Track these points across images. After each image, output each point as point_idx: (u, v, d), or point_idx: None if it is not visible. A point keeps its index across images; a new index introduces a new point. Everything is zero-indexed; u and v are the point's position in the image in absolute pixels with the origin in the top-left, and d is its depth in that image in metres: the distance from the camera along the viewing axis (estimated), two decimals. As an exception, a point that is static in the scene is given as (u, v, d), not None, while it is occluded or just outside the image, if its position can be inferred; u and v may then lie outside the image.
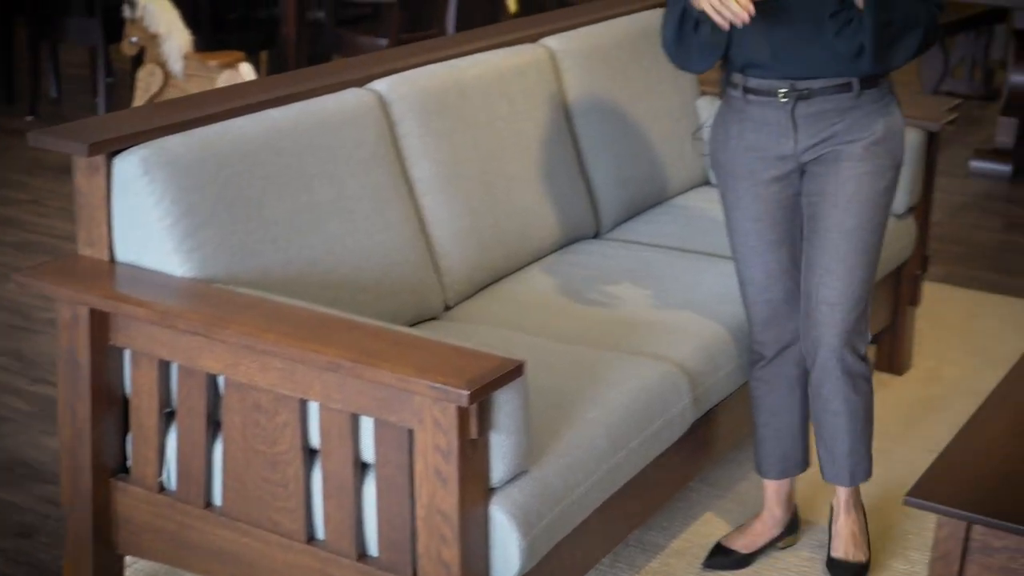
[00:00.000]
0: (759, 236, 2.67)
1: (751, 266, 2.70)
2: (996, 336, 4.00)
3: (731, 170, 2.66)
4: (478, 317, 2.85)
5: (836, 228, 2.60)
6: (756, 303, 2.73)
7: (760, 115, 2.60)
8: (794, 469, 2.86)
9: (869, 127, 2.59)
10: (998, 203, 5.35)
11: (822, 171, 2.61)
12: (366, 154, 2.72)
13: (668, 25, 2.56)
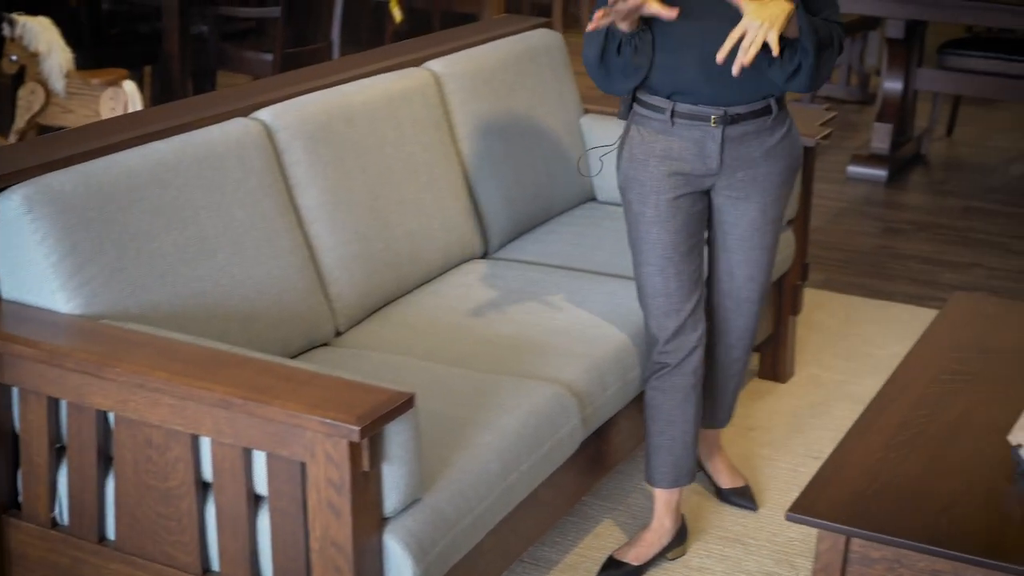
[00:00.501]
0: (675, 248, 2.78)
1: (666, 277, 2.79)
2: (874, 341, 4.12)
3: (650, 185, 2.75)
4: (369, 342, 2.88)
5: (759, 245, 2.88)
6: (668, 313, 2.81)
7: (688, 136, 2.72)
8: (685, 478, 2.94)
9: (780, 146, 2.80)
10: (875, 208, 5.50)
11: (740, 193, 2.80)
12: (253, 184, 2.73)
13: (591, 45, 2.63)
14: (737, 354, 3.07)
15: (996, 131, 6.62)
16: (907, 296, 4.52)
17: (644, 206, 2.76)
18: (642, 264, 2.81)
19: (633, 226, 2.80)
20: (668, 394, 2.86)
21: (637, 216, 2.78)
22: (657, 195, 2.75)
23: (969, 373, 2.60)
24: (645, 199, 2.75)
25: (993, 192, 5.71)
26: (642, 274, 2.81)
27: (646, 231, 2.77)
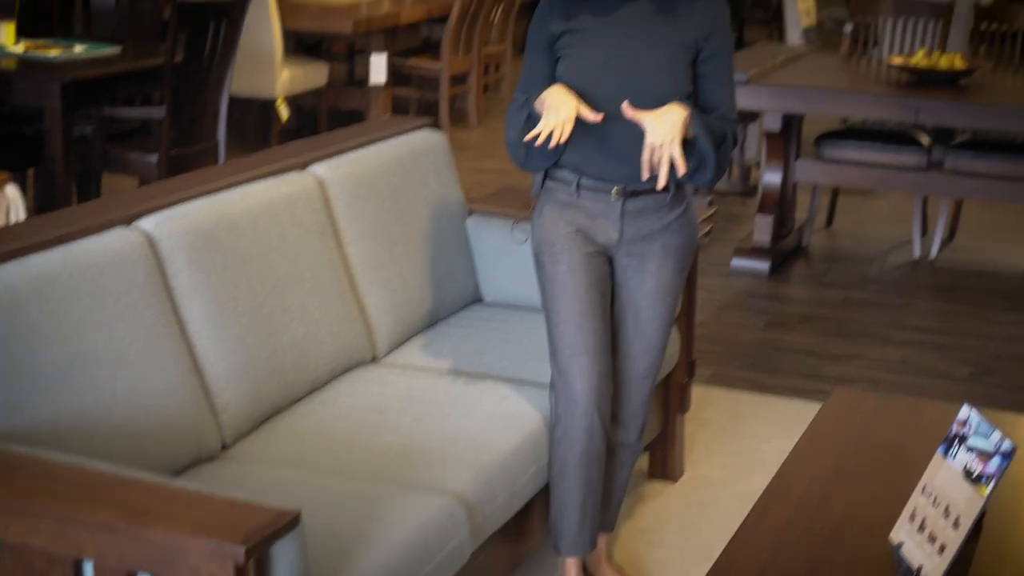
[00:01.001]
0: (591, 303, 2.94)
1: (584, 334, 2.92)
2: (761, 436, 4.17)
3: (560, 244, 2.95)
4: (257, 455, 2.85)
5: (656, 318, 3.04)
6: (590, 374, 2.92)
7: (591, 206, 2.94)
8: (591, 544, 3.01)
9: (678, 223, 2.99)
10: (759, 300, 5.59)
11: (638, 263, 3.00)
12: (135, 296, 2.70)
13: (512, 127, 2.89)
14: (628, 437, 3.12)
15: (874, 221, 6.79)
16: (792, 390, 4.59)
17: (557, 264, 2.95)
18: (561, 323, 2.93)
19: (549, 286, 2.95)
20: (581, 459, 2.96)
21: (551, 275, 2.95)
22: (569, 252, 2.95)
23: (851, 470, 2.64)
24: (557, 257, 2.95)
25: (872, 283, 5.84)
26: (561, 334, 2.93)
27: (561, 286, 2.93)
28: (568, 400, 2.94)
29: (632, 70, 2.84)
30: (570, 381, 2.93)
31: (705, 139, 2.78)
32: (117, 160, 5.70)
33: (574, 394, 2.93)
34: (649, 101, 2.79)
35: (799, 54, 6.46)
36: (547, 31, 2.90)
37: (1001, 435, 2.31)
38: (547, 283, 2.97)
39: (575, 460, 2.96)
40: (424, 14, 8.25)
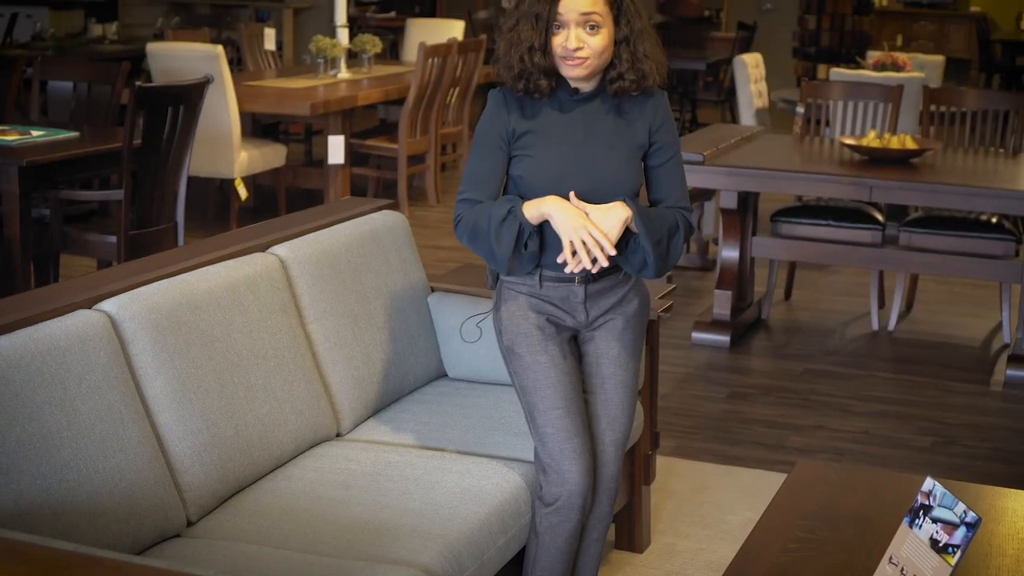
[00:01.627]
0: (573, 387, 3.04)
1: (572, 417, 3.00)
2: (727, 507, 4.18)
3: (537, 335, 3.02)
4: (222, 532, 2.83)
5: (621, 384, 3.11)
6: (583, 455, 3.00)
7: (555, 295, 3.03)
8: None
9: (632, 293, 3.10)
10: (721, 373, 5.62)
11: (603, 336, 3.08)
12: (98, 377, 2.70)
13: (503, 244, 2.88)
14: (603, 509, 3.15)
15: (832, 294, 6.86)
16: (756, 460, 4.61)
17: (538, 354, 3.01)
18: (548, 410, 2.98)
19: (530, 375, 3.01)
20: (565, 537, 3.01)
21: (532, 365, 3.01)
22: (545, 342, 3.02)
23: (818, 540, 2.65)
24: (536, 347, 3.01)
25: (832, 355, 5.88)
26: (549, 420, 2.98)
27: (545, 376, 3.00)
28: (562, 482, 2.99)
29: (592, 171, 2.93)
30: (564, 465, 2.99)
31: (647, 239, 2.90)
32: (75, 241, 5.69)
33: (569, 476, 2.98)
34: (608, 200, 2.91)
35: (753, 134, 6.56)
36: (503, 129, 2.93)
37: (965, 506, 2.33)
38: (527, 372, 3.02)
39: (568, 535, 3.03)
40: (381, 96, 8.32)
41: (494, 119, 2.95)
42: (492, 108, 2.96)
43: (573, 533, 3.05)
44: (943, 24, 15.26)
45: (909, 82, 7.45)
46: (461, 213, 2.94)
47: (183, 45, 7.89)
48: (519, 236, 2.87)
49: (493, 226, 2.87)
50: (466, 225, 2.92)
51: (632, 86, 2.91)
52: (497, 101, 2.96)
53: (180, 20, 12.30)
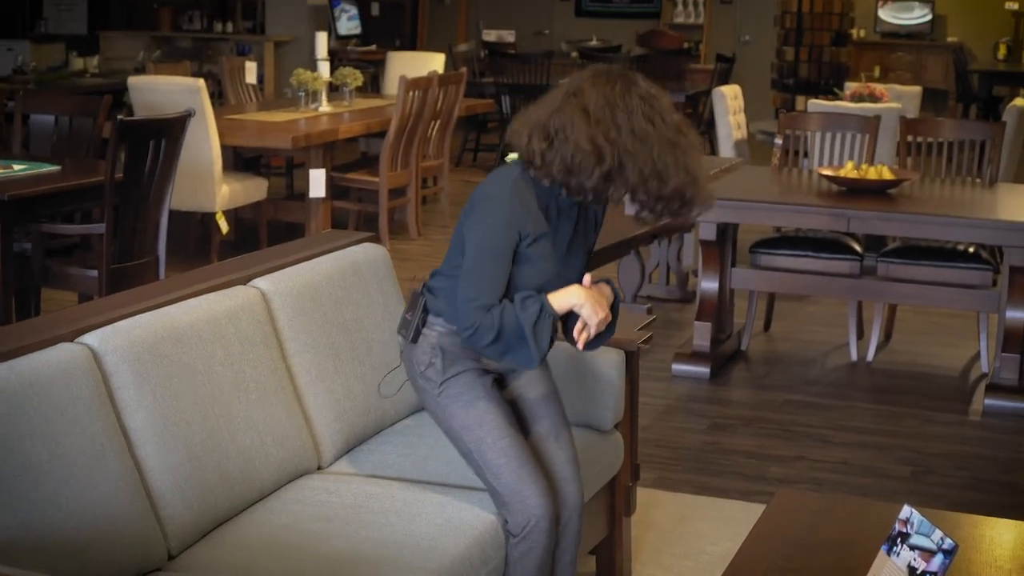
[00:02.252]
0: (510, 419, 3.13)
1: (519, 445, 3.10)
2: (708, 538, 4.19)
3: (472, 375, 3.13)
4: (204, 565, 2.83)
5: (551, 400, 3.25)
6: (538, 477, 3.06)
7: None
8: None
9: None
10: (701, 404, 5.64)
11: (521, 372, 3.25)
12: (79, 410, 2.70)
13: (542, 340, 2.96)
14: (571, 533, 3.19)
15: (811, 325, 6.89)
16: (737, 492, 4.63)
17: (477, 390, 3.11)
18: (496, 440, 3.07)
19: (473, 415, 3.09)
20: (537, 563, 3.04)
21: (474, 402, 3.10)
22: (483, 377, 3.14)
23: (795, 569, 2.67)
24: (474, 384, 3.12)
25: (811, 385, 5.91)
26: (502, 450, 3.05)
27: (486, 410, 3.10)
28: (525, 508, 3.03)
29: (574, 268, 3.13)
30: (524, 491, 3.04)
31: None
32: (57, 275, 5.69)
33: (531, 500, 3.03)
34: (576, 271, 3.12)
35: (732, 166, 6.61)
36: (516, 238, 2.95)
37: (942, 534, 2.35)
38: (470, 410, 3.10)
39: (539, 561, 3.06)
40: (362, 129, 8.36)
41: (510, 230, 2.95)
42: (508, 219, 2.95)
43: (544, 559, 3.07)
44: (920, 55, 15.40)
45: (886, 113, 7.51)
46: (478, 321, 2.94)
47: (164, 78, 7.92)
48: (554, 332, 3.01)
49: (528, 327, 2.93)
50: (488, 331, 2.93)
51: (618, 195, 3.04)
52: (510, 212, 2.95)
53: (161, 54, 12.35)
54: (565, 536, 3.20)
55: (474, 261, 2.95)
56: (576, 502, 3.20)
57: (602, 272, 6.57)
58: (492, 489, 3.09)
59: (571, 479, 3.21)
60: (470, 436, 3.10)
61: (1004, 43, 14.88)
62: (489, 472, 3.08)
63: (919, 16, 15.43)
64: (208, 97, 7.44)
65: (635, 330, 3.77)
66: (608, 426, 3.66)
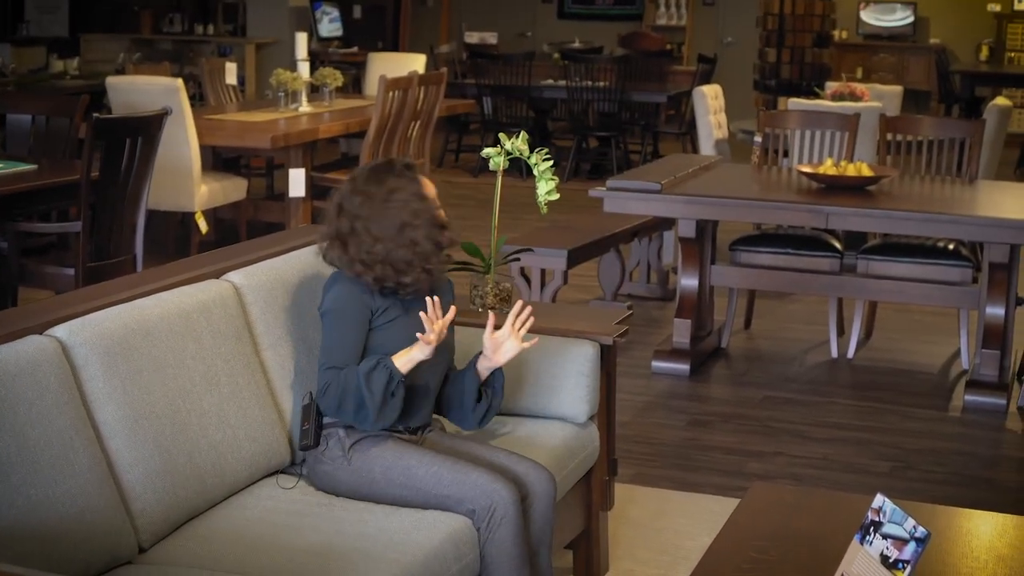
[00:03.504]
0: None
1: (449, 457, 3.13)
2: (686, 533, 4.18)
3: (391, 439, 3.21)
4: (175, 558, 2.81)
5: (453, 436, 3.38)
6: (485, 470, 3.09)
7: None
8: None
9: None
10: (680, 401, 5.63)
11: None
12: (48, 403, 2.68)
13: (375, 392, 3.07)
14: (542, 510, 3.18)
15: (791, 322, 6.89)
16: (715, 487, 4.61)
17: (384, 441, 3.16)
18: (422, 459, 3.11)
19: (388, 454, 3.13)
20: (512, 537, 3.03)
21: (385, 445, 3.15)
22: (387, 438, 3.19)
23: (769, 561, 2.66)
24: (378, 438, 3.16)
25: (791, 382, 5.91)
26: (430, 462, 3.12)
27: (399, 446, 3.15)
28: (486, 492, 3.02)
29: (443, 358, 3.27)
30: (473, 477, 3.05)
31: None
32: (33, 274, 5.67)
33: (484, 479, 3.04)
34: (443, 367, 3.29)
35: (711, 163, 6.60)
36: (367, 307, 3.18)
37: (915, 522, 2.35)
38: (385, 452, 3.13)
39: (514, 538, 3.03)
40: (342, 129, 8.34)
41: (356, 298, 3.19)
42: (352, 289, 3.20)
43: (518, 543, 3.03)
44: (902, 56, 15.42)
45: (866, 111, 7.51)
46: (328, 380, 3.12)
47: (143, 78, 7.89)
48: (388, 383, 3.07)
49: (362, 379, 3.07)
50: (336, 389, 3.10)
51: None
52: (352, 284, 3.20)
53: (141, 56, 12.31)
54: (536, 519, 3.18)
55: (326, 333, 3.19)
56: (538, 478, 3.18)
57: (583, 268, 6.58)
58: (444, 497, 3.06)
59: (519, 461, 3.21)
60: (396, 470, 3.10)
61: (986, 44, 14.92)
62: (431, 485, 3.07)
63: (901, 18, 15.46)
64: (187, 97, 7.41)
65: (612, 324, 3.76)
66: (583, 419, 3.64)
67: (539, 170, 3.84)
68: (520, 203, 6.00)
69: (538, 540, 3.18)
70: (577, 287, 7.10)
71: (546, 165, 3.86)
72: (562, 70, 11.82)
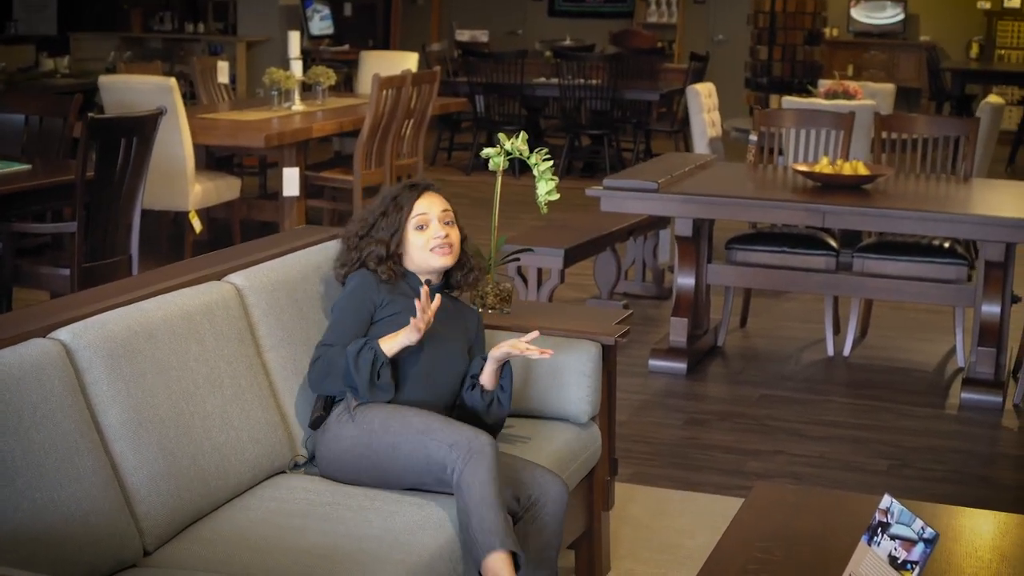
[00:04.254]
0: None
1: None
2: (686, 532, 4.18)
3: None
4: (180, 561, 2.81)
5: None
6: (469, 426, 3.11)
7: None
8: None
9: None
10: (678, 400, 5.63)
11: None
12: (52, 406, 2.67)
13: (361, 372, 3.14)
14: (551, 512, 3.18)
15: (787, 321, 6.89)
16: (714, 486, 4.62)
17: (387, 405, 3.19)
18: (418, 413, 3.15)
19: (388, 409, 3.17)
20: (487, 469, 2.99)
21: (386, 406, 3.18)
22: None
23: (774, 562, 2.66)
24: (383, 403, 3.20)
25: (788, 380, 5.91)
26: (426, 415, 3.14)
27: (401, 407, 3.18)
28: (466, 437, 3.02)
29: (438, 354, 3.31)
30: (461, 430, 3.05)
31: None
32: (28, 274, 5.64)
33: (468, 432, 3.04)
34: (449, 382, 3.33)
35: (707, 162, 6.59)
36: (372, 300, 3.29)
37: (923, 523, 2.35)
38: (386, 407, 3.18)
39: (490, 469, 2.98)
40: (335, 128, 8.32)
41: (365, 290, 3.31)
42: (363, 281, 3.33)
43: (493, 470, 2.98)
44: (893, 53, 15.44)
45: (860, 109, 7.52)
46: (319, 355, 3.22)
47: (136, 77, 7.87)
48: (374, 363, 3.14)
49: (350, 358, 3.15)
50: (323, 364, 3.20)
51: (473, 280, 3.46)
52: (366, 277, 3.34)
53: (132, 54, 12.27)
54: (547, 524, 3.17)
55: (331, 318, 3.34)
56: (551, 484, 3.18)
57: (578, 267, 6.58)
58: (430, 439, 3.06)
59: (531, 467, 3.21)
60: (394, 419, 3.13)
61: (976, 42, 14.95)
62: (422, 429, 3.08)
63: (891, 15, 15.48)
64: (180, 96, 7.39)
65: (612, 324, 3.76)
66: (585, 419, 3.64)
67: (539, 170, 3.84)
68: (514, 202, 5.99)
69: (547, 544, 3.18)
70: (573, 286, 7.10)
71: (546, 165, 3.85)
72: (554, 68, 11.82)
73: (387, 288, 3.32)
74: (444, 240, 3.34)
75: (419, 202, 3.36)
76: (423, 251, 3.35)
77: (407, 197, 3.38)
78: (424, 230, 3.35)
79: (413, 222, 3.35)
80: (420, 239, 3.35)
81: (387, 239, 3.33)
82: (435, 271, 3.38)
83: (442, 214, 3.37)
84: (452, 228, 3.38)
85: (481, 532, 2.94)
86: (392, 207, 3.37)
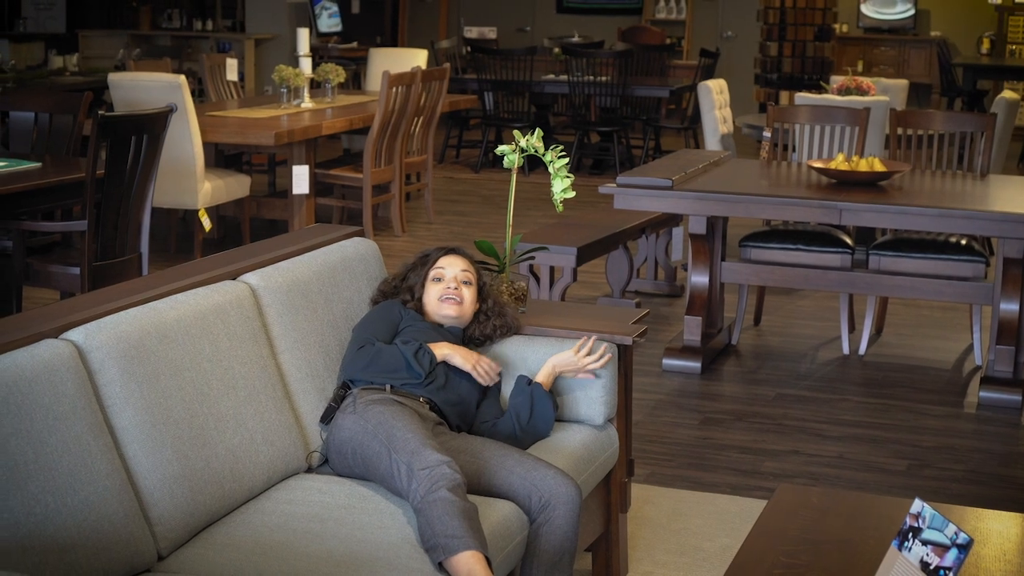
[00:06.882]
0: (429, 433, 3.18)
1: (429, 437, 3.13)
2: (703, 534, 4.13)
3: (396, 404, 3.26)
4: (194, 566, 2.76)
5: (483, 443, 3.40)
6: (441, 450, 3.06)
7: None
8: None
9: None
10: (692, 399, 5.58)
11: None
12: (65, 408, 2.63)
13: (406, 353, 3.35)
14: (561, 517, 3.16)
15: (802, 319, 6.84)
16: (731, 487, 4.56)
17: (393, 404, 3.22)
18: (407, 424, 3.13)
19: (389, 410, 3.18)
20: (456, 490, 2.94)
21: (389, 405, 3.21)
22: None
23: (800, 566, 2.61)
24: (388, 400, 3.23)
25: (803, 379, 5.86)
26: (408, 428, 3.11)
27: (401, 411, 3.19)
28: (429, 461, 2.97)
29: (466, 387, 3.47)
30: (426, 453, 3.00)
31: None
32: (38, 273, 5.60)
33: (435, 457, 2.99)
34: (464, 400, 3.45)
35: (720, 159, 6.54)
36: (396, 317, 3.52)
37: (956, 528, 2.29)
38: (388, 406, 3.20)
39: (448, 496, 2.91)
40: (345, 125, 8.28)
41: (391, 308, 3.55)
42: (389, 304, 3.57)
43: (460, 497, 2.92)
44: (903, 49, 15.37)
45: (875, 105, 7.46)
46: (363, 343, 3.38)
47: (145, 75, 7.82)
48: (418, 350, 3.36)
49: (409, 355, 3.35)
50: (371, 349, 3.35)
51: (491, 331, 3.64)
52: (393, 302, 3.59)
53: (141, 52, 12.24)
54: (559, 527, 3.12)
55: (359, 323, 3.51)
56: (562, 487, 3.14)
57: (590, 265, 6.52)
58: (398, 467, 3.02)
59: (544, 467, 3.18)
60: (384, 425, 3.12)
61: (987, 37, 14.86)
62: (397, 445, 3.05)
63: (902, 11, 15.40)
64: (189, 93, 7.35)
65: (629, 324, 3.71)
66: (602, 421, 3.59)
67: (554, 167, 3.79)
68: (524, 199, 5.95)
69: (561, 549, 3.13)
70: (584, 284, 7.05)
71: (561, 162, 3.81)
72: (563, 65, 11.76)
73: (410, 317, 3.55)
74: (453, 292, 3.56)
75: (443, 259, 3.63)
76: (435, 300, 3.57)
77: (435, 255, 3.66)
78: (439, 282, 3.59)
79: (432, 274, 3.60)
80: (435, 289, 3.58)
81: (413, 287, 3.61)
82: (445, 320, 3.57)
83: (460, 273, 3.61)
84: (468, 288, 3.60)
85: (441, 536, 2.86)
86: (420, 261, 3.66)
